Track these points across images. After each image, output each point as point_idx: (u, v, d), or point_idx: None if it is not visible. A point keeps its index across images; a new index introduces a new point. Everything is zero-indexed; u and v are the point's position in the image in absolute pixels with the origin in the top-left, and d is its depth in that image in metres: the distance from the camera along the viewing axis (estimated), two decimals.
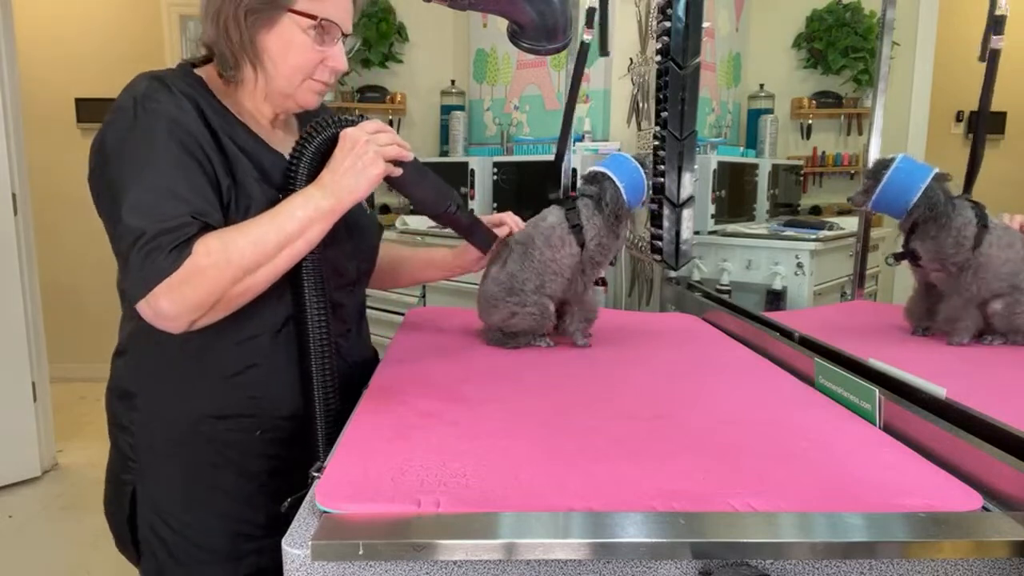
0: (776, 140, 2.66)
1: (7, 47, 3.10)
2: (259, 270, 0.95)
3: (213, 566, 1.07)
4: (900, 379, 0.99)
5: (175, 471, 1.06)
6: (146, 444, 1.06)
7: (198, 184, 0.96)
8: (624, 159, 1.37)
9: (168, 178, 0.93)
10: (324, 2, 1.02)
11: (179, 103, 0.99)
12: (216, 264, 0.91)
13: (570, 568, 0.64)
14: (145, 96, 0.98)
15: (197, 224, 0.93)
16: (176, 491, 1.06)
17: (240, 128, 1.06)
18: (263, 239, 0.95)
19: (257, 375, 1.06)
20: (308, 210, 0.98)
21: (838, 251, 2.00)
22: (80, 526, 2.80)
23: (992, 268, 1.21)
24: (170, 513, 1.06)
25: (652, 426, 0.93)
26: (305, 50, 1.03)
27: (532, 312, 1.32)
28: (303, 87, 1.06)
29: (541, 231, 1.35)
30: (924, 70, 1.77)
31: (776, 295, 2.00)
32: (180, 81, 1.03)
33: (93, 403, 4.26)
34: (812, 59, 2.41)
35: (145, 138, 0.95)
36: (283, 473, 1.07)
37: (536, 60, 3.15)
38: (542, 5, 1.39)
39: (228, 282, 0.93)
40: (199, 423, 1.05)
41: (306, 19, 1.01)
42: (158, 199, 0.92)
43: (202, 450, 1.05)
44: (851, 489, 0.73)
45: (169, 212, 0.91)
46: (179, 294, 0.90)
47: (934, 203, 1.22)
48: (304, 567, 0.63)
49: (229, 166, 1.01)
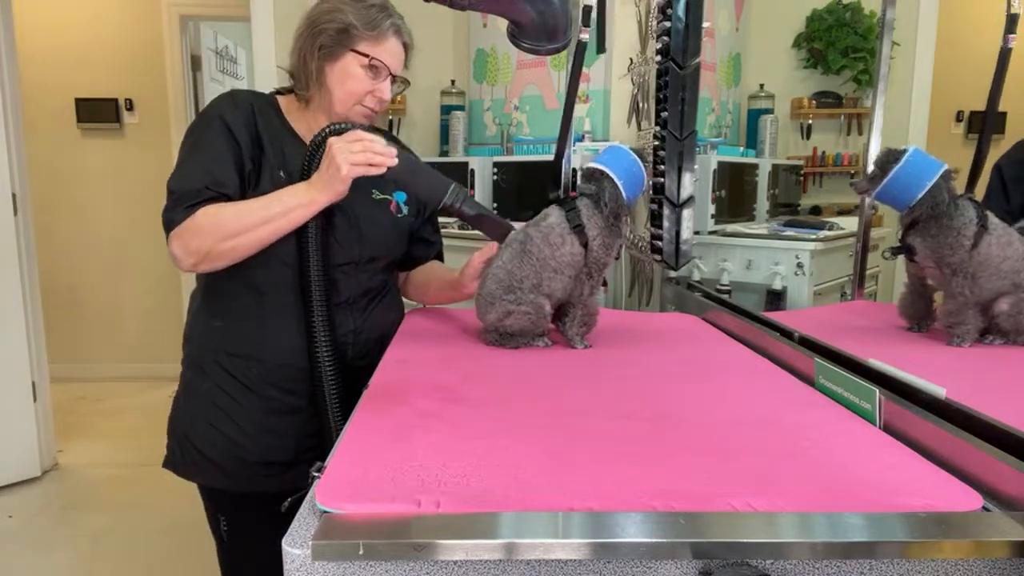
0: (776, 140, 2.66)
1: (7, 47, 3.10)
2: (243, 235, 1.25)
3: (210, 470, 1.39)
4: (900, 379, 0.99)
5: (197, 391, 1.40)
6: (186, 369, 1.44)
7: (224, 165, 1.29)
8: (622, 152, 1.37)
9: (203, 158, 1.29)
10: (379, 48, 1.34)
11: (234, 109, 1.33)
12: (209, 224, 1.24)
13: (570, 568, 0.64)
14: (214, 107, 1.36)
15: (209, 193, 1.26)
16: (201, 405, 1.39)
17: (287, 135, 1.39)
18: (250, 214, 1.26)
19: (264, 326, 1.37)
20: (292, 199, 1.26)
21: (838, 251, 2.00)
22: (80, 526, 2.80)
23: (991, 267, 1.21)
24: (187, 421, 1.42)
25: (652, 426, 0.93)
26: (359, 81, 1.34)
27: (527, 311, 1.32)
28: (354, 110, 1.37)
29: (540, 229, 1.35)
30: (924, 70, 1.77)
31: (776, 295, 2.00)
32: (249, 97, 1.38)
33: (93, 403, 4.26)
34: (812, 59, 2.41)
35: (201, 127, 1.33)
36: (280, 413, 1.38)
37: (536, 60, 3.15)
38: (542, 5, 1.39)
39: (216, 239, 1.24)
40: (218, 355, 1.39)
41: (363, 57, 1.33)
42: (191, 171, 1.29)
43: (216, 378, 1.38)
44: (851, 489, 0.73)
45: (193, 182, 1.27)
46: (182, 241, 1.25)
47: (937, 202, 1.21)
48: (304, 567, 0.63)
49: (259, 157, 1.34)
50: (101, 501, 2.98)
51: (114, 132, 4.51)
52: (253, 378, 1.37)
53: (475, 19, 3.47)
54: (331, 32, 1.31)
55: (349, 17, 1.31)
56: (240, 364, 1.37)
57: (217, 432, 1.37)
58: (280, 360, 1.37)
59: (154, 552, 2.59)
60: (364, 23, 1.32)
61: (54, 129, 4.49)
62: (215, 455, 1.38)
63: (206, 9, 4.59)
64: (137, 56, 4.47)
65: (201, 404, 1.39)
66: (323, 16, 1.33)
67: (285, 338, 1.36)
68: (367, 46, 1.33)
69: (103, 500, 2.99)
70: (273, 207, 1.26)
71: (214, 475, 1.39)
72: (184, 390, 1.44)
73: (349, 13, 1.32)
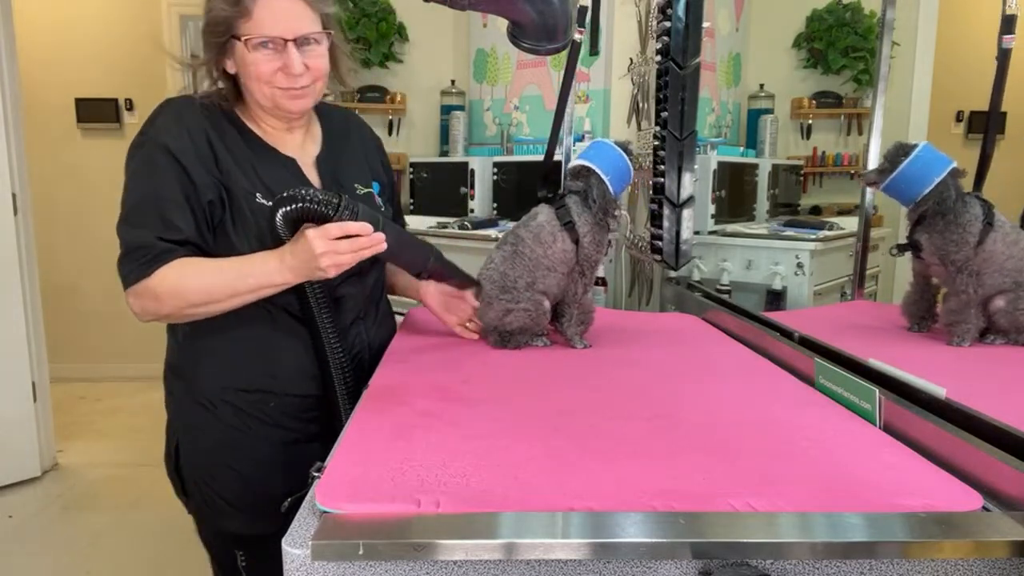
0: (776, 140, 2.66)
1: (7, 47, 3.10)
2: (207, 305, 1.14)
3: (236, 516, 1.25)
4: (900, 379, 0.99)
5: (210, 433, 1.24)
6: (187, 409, 1.26)
7: (176, 207, 1.13)
8: (606, 147, 1.37)
9: (151, 200, 1.13)
10: (254, 21, 1.13)
11: (181, 137, 1.16)
12: (169, 293, 1.12)
13: (570, 568, 0.64)
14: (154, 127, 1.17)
15: (163, 245, 1.12)
16: (210, 450, 1.25)
17: (257, 147, 1.24)
18: (214, 288, 1.13)
19: (275, 357, 1.24)
20: (261, 279, 1.13)
21: (838, 251, 2.00)
22: (80, 526, 2.80)
23: (995, 264, 1.21)
24: (206, 469, 1.25)
25: (652, 426, 0.93)
26: (259, 64, 1.16)
27: (527, 308, 1.32)
28: (275, 94, 1.18)
29: (530, 229, 1.35)
30: (924, 70, 1.77)
31: (776, 295, 2.00)
32: (200, 116, 1.20)
33: (93, 403, 4.26)
34: (812, 59, 2.41)
35: (142, 161, 1.16)
36: (300, 443, 1.26)
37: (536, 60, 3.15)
38: (542, 5, 1.39)
39: (178, 306, 1.13)
40: (228, 393, 1.23)
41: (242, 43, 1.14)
42: (139, 217, 1.14)
43: (231, 418, 1.23)
44: (851, 489, 0.73)
45: (143, 233, 1.12)
46: (140, 301, 1.14)
47: (944, 198, 1.22)
48: (304, 567, 0.63)
49: (225, 185, 1.18)
50: (101, 501, 2.98)
51: (114, 132, 4.51)
52: (270, 411, 1.24)
53: (475, 19, 3.47)
54: (211, 29, 1.16)
55: (213, 2, 1.15)
56: (255, 400, 1.24)
57: (235, 473, 1.24)
58: (299, 391, 1.25)
59: (154, 552, 2.59)
60: (225, 2, 1.13)
61: (54, 129, 4.48)
62: (237, 498, 1.24)
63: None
64: (137, 56, 4.46)
65: (214, 447, 1.24)
66: (205, 16, 1.18)
67: (301, 367, 1.24)
68: (243, 24, 1.14)
69: (103, 500, 2.99)
70: (238, 284, 1.13)
71: (240, 520, 1.25)
72: (189, 433, 1.26)
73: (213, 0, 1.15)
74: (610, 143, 1.38)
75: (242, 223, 1.18)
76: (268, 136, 1.26)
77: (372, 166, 1.41)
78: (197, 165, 1.15)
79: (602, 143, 1.39)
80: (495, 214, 3.03)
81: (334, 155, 1.33)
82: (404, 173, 3.54)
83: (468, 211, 3.08)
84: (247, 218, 1.18)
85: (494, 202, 3.07)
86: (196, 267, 1.14)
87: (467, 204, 3.09)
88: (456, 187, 3.12)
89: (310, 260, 1.08)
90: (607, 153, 1.36)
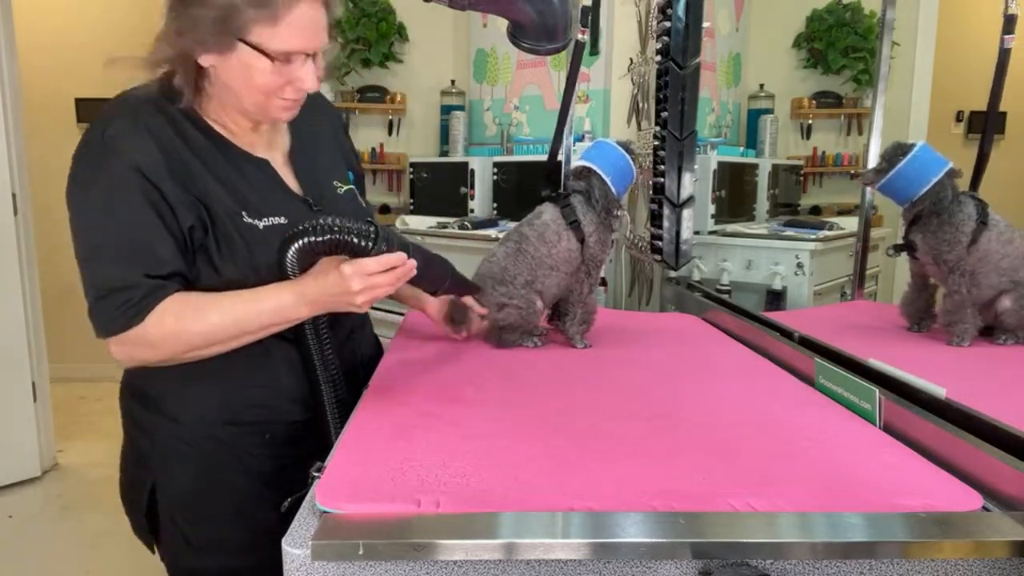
0: (776, 140, 2.66)
1: (7, 47, 3.10)
2: (208, 349, 1.01)
3: (230, 556, 1.11)
4: (900, 379, 0.99)
5: (193, 471, 1.09)
6: (166, 446, 1.09)
7: (159, 238, 0.97)
8: (608, 147, 1.38)
9: (123, 230, 0.96)
10: (278, 31, 0.95)
11: (141, 144, 0.98)
12: (166, 338, 0.97)
13: (570, 568, 0.64)
14: (111, 134, 0.98)
15: (151, 283, 0.96)
16: (194, 489, 1.10)
17: (233, 156, 1.06)
18: (219, 329, 0.99)
19: (268, 387, 1.11)
20: (276, 316, 1.00)
21: (838, 251, 2.00)
22: (80, 526, 2.80)
23: (990, 264, 1.21)
24: (189, 508, 1.10)
25: (652, 426, 0.93)
26: (266, 74, 0.98)
27: (519, 306, 1.33)
28: (271, 105, 1.03)
29: (535, 228, 1.36)
30: (924, 70, 1.77)
31: (776, 295, 2.00)
32: (154, 107, 1.01)
33: (93, 403, 4.26)
34: (812, 59, 2.41)
35: (104, 185, 0.97)
36: (292, 468, 1.08)
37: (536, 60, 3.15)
38: (542, 5, 1.39)
39: (177, 352, 1.00)
40: (214, 428, 1.08)
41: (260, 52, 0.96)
42: (112, 252, 0.97)
43: (217, 452, 1.09)
44: (851, 489, 0.73)
45: (124, 274, 0.96)
46: (127, 350, 0.98)
47: (941, 198, 1.23)
48: (304, 567, 0.63)
49: (204, 204, 1.01)
50: (101, 501, 2.97)
51: None
52: (266, 443, 1.11)
53: (475, 19, 3.47)
54: (207, 23, 0.94)
55: None
56: (247, 432, 1.10)
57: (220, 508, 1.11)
58: (295, 417, 1.12)
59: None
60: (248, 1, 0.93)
61: (54, 129, 4.48)
62: (221, 535, 1.11)
63: None
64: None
65: (198, 484, 1.09)
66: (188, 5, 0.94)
67: (291, 391, 1.12)
68: (263, 31, 0.94)
69: (103, 500, 2.99)
70: (247, 323, 1.00)
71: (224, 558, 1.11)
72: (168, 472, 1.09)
73: None
74: (612, 143, 1.39)
75: (228, 248, 1.02)
76: (236, 137, 1.08)
77: (343, 151, 1.29)
78: (169, 182, 0.98)
79: (604, 143, 1.40)
80: (495, 214, 3.03)
81: (306, 148, 1.18)
82: (404, 173, 3.54)
83: (468, 211, 3.08)
84: (234, 242, 1.02)
85: (494, 202, 3.07)
86: (196, 305, 0.99)
87: (467, 204, 3.09)
88: (456, 187, 3.11)
89: (341, 295, 0.97)
90: (608, 153, 1.37)
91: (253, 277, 1.02)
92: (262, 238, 1.03)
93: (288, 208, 1.09)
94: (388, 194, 3.62)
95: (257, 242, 1.03)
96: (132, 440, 1.14)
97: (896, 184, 1.29)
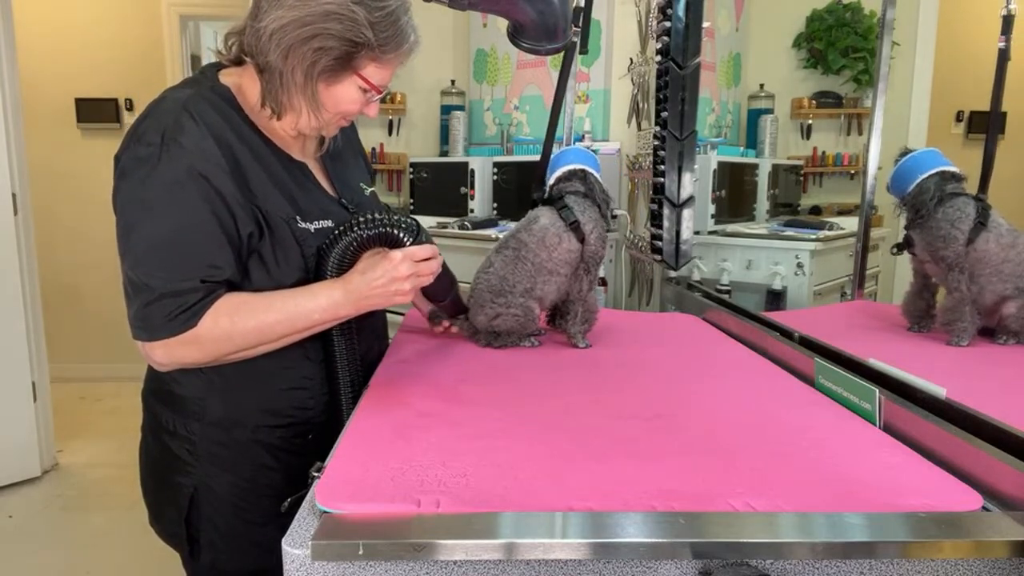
0: (776, 140, 2.66)
1: (7, 47, 3.10)
2: (253, 350, 1.03)
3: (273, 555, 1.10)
4: (900, 379, 0.99)
5: (236, 474, 1.10)
6: (207, 450, 1.09)
7: (213, 243, 0.97)
8: (582, 153, 1.45)
9: (183, 234, 0.96)
10: (384, 71, 1.05)
11: (204, 145, 0.97)
12: (218, 339, 0.98)
13: (570, 568, 0.64)
14: (172, 134, 0.96)
15: (206, 287, 0.97)
16: (238, 492, 1.11)
17: (286, 163, 1.09)
18: (271, 328, 1.01)
19: (304, 387, 1.13)
20: (327, 314, 1.03)
21: (838, 251, 2.00)
22: (80, 526, 2.80)
23: (990, 266, 1.21)
24: (233, 512, 1.11)
25: (652, 426, 0.93)
26: (354, 103, 1.06)
27: (516, 313, 1.33)
28: (335, 123, 1.11)
29: (534, 233, 1.36)
30: (924, 70, 1.77)
31: (776, 295, 2.00)
32: (208, 105, 1.01)
33: (93, 403, 4.26)
34: (812, 59, 2.41)
35: (166, 185, 0.95)
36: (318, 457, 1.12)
37: (536, 60, 3.15)
38: (542, 5, 1.39)
39: (225, 353, 1.00)
40: (257, 431, 1.10)
41: (365, 83, 1.04)
42: (169, 256, 0.95)
43: (259, 455, 1.11)
44: (851, 489, 0.73)
45: (177, 274, 0.95)
46: (176, 353, 0.98)
47: (921, 191, 1.27)
48: (304, 567, 0.63)
49: (258, 209, 1.02)
50: (101, 501, 2.98)
51: (114, 132, 4.50)
52: (308, 442, 1.13)
53: (475, 19, 3.47)
54: (338, 51, 0.99)
55: (367, 33, 0.98)
56: (287, 434, 1.11)
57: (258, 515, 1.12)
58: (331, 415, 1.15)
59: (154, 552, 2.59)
60: (383, 39, 1.00)
61: (54, 129, 4.48)
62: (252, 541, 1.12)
63: (206, 9, 4.59)
64: (137, 56, 4.46)
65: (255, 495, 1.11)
66: (327, 24, 0.97)
67: (318, 391, 1.14)
68: (375, 68, 1.03)
69: (103, 500, 2.99)
70: (298, 322, 1.02)
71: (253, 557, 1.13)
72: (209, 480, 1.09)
73: (365, 25, 0.98)
74: (581, 148, 1.48)
75: (283, 252, 1.04)
76: (279, 139, 1.10)
77: (362, 154, 1.35)
78: (230, 186, 0.98)
79: (577, 150, 1.46)
80: (495, 214, 3.03)
81: (334, 152, 1.22)
82: (404, 173, 3.54)
83: (468, 211, 3.08)
84: (290, 247, 1.04)
85: (494, 202, 3.07)
86: (247, 306, 1.00)
87: (467, 204, 3.09)
88: (456, 187, 3.12)
89: (389, 283, 1.02)
90: (586, 156, 1.44)
91: (304, 280, 1.06)
92: (314, 242, 1.07)
93: (331, 211, 1.13)
94: (388, 194, 3.62)
95: (310, 246, 1.06)
96: (162, 445, 1.12)
97: (894, 182, 1.35)
